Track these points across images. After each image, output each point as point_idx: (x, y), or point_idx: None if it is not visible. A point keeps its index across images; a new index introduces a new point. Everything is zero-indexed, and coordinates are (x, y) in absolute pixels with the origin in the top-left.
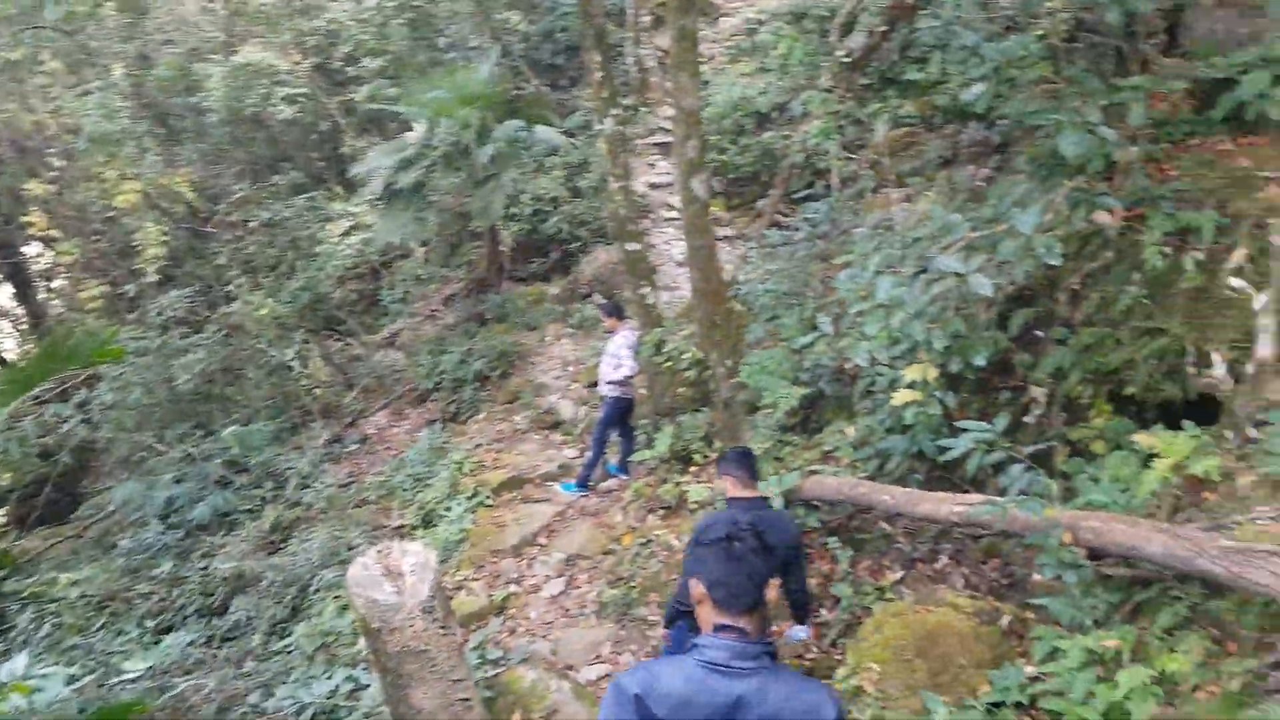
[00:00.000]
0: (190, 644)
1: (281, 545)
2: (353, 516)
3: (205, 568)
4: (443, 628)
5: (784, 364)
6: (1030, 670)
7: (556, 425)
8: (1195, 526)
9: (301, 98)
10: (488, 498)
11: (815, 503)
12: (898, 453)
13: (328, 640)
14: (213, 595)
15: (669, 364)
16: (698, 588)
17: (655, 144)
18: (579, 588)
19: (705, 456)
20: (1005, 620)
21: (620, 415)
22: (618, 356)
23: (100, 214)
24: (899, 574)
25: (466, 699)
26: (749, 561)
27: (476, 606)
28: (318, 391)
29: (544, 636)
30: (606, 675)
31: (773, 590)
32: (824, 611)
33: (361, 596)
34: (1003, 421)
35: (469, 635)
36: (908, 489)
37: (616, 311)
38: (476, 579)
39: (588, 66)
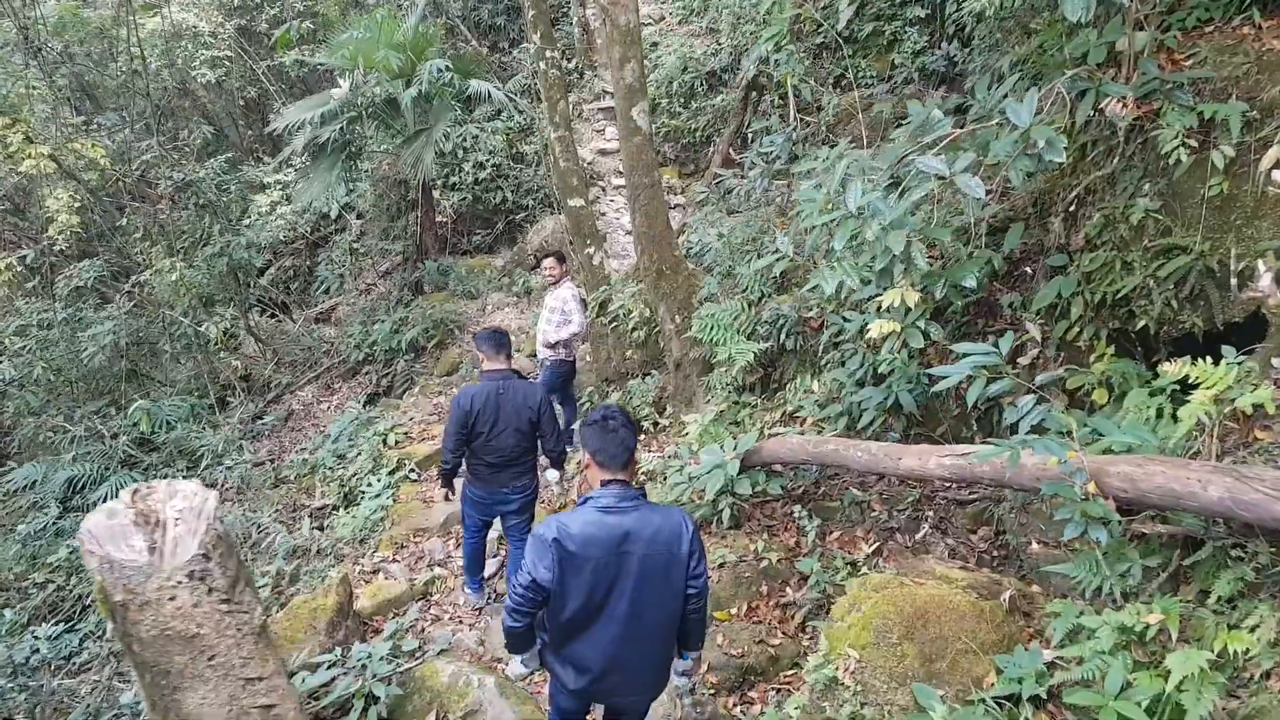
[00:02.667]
0: (84, 637)
1: None
2: (269, 496)
3: None
4: (225, 600)
5: (740, 317)
6: (1048, 654)
7: None
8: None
9: (225, 61)
10: (412, 471)
11: (776, 467)
12: (871, 407)
13: None
14: None
15: (615, 325)
16: (586, 457)
17: (603, 109)
18: None
19: (656, 424)
20: (1007, 595)
21: (561, 381)
22: (564, 311)
23: (4, 179)
24: (874, 545)
25: (270, 705)
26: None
27: (395, 592)
28: (236, 364)
29: (471, 625)
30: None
31: (637, 453)
32: (790, 590)
33: (96, 554)
34: (1005, 345)
35: (382, 623)
36: (885, 443)
37: (565, 260)
38: (396, 560)
39: (524, 11)
